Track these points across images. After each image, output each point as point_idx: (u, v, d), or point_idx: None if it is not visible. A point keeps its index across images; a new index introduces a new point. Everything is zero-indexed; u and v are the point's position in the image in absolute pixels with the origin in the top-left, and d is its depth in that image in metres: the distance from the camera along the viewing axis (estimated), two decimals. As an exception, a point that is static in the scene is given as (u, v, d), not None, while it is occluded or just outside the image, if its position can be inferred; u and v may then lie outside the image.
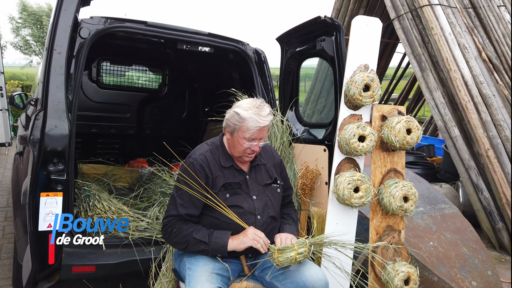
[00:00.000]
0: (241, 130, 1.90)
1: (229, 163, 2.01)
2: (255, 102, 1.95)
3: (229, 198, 1.96)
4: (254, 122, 1.87)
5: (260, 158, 2.11)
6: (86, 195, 2.77)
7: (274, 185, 2.10)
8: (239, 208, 1.95)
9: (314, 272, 1.87)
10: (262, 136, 1.94)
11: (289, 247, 1.79)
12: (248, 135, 1.89)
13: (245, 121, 1.88)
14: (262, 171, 2.10)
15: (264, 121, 1.88)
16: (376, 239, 2.35)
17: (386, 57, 7.83)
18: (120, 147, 4.82)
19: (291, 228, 2.06)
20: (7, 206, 4.74)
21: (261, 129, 1.90)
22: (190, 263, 1.91)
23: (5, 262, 3.32)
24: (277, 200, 2.10)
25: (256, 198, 2.01)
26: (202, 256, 1.92)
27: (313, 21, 2.64)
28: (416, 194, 2.28)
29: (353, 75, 2.28)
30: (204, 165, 1.95)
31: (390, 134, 2.23)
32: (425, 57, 4.69)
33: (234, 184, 1.99)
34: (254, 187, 2.03)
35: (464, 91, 4.28)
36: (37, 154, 1.78)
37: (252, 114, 1.88)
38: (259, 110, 1.90)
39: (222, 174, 1.98)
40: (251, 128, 1.87)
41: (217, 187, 1.95)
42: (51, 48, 1.91)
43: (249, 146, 1.92)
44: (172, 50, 4.52)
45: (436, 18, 4.57)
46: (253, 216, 1.96)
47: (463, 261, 2.76)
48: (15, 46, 24.87)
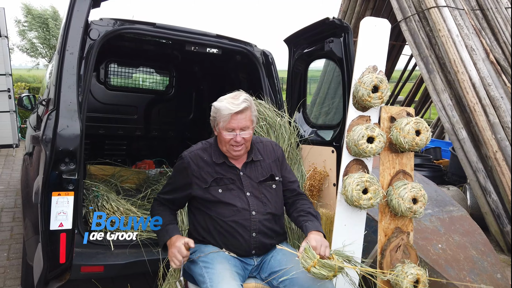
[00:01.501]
0: (218, 121, 1.94)
1: (221, 160, 2.02)
2: (232, 94, 1.99)
3: (221, 193, 1.97)
4: (226, 110, 1.89)
5: (257, 154, 2.10)
6: (94, 195, 2.79)
7: (268, 182, 2.08)
8: (233, 207, 1.96)
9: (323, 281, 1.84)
10: (241, 125, 1.92)
11: (332, 266, 1.68)
12: (224, 123, 1.91)
13: (219, 111, 1.91)
14: (258, 168, 2.08)
15: (236, 108, 1.88)
16: (385, 241, 2.34)
17: (392, 59, 7.82)
18: (127, 148, 4.84)
19: (314, 224, 1.96)
20: (15, 207, 4.78)
21: (235, 117, 1.90)
22: (205, 262, 1.91)
23: (14, 262, 3.34)
24: (274, 196, 2.07)
25: (250, 195, 2.00)
26: (213, 254, 1.93)
27: (321, 23, 2.64)
28: (425, 196, 2.27)
29: (362, 76, 2.27)
30: (191, 162, 2.00)
31: (399, 135, 2.23)
32: (432, 59, 4.67)
33: (226, 179, 2.00)
34: (248, 184, 2.02)
35: (472, 93, 4.26)
36: (49, 153, 1.79)
37: (225, 103, 1.91)
38: (233, 99, 1.92)
39: (214, 170, 2.00)
40: (224, 116, 1.89)
41: (208, 182, 1.97)
42: (63, 48, 1.93)
43: (231, 137, 1.92)
44: (180, 52, 4.54)
45: (444, 20, 4.55)
46: (248, 212, 1.96)
47: (472, 263, 2.74)
48: (22, 49, 25.07)
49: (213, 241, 2.00)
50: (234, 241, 1.96)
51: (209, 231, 2.01)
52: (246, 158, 2.07)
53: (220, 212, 1.96)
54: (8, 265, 3.29)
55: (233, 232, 1.96)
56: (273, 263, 1.98)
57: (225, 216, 1.95)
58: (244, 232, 1.95)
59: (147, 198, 3.35)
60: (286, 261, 1.93)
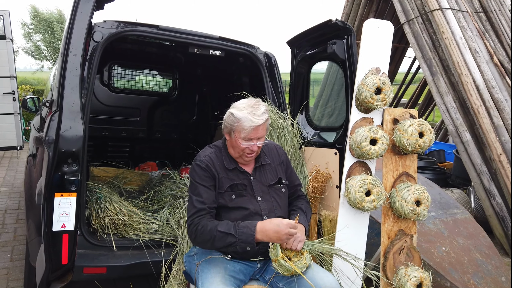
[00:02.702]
0: (237, 130, 1.90)
1: (233, 165, 2.01)
2: (250, 101, 1.95)
3: (235, 199, 1.97)
4: (248, 122, 1.86)
5: (265, 158, 2.11)
6: (97, 197, 2.79)
7: (278, 185, 2.08)
8: (244, 210, 1.95)
9: (328, 282, 1.85)
10: (259, 135, 1.92)
11: (287, 268, 1.78)
12: (244, 134, 1.89)
13: (239, 121, 1.88)
14: (267, 171, 2.09)
15: (258, 120, 1.87)
16: (388, 243, 2.33)
17: (395, 62, 7.80)
18: (130, 150, 4.86)
19: (300, 217, 1.99)
20: (19, 208, 4.79)
21: (256, 128, 1.89)
22: (202, 265, 1.91)
23: (17, 263, 3.34)
24: (283, 199, 2.09)
25: (261, 199, 2.00)
26: (214, 258, 1.92)
27: (324, 25, 2.64)
28: (429, 198, 2.26)
29: (365, 78, 2.27)
30: (210, 165, 1.97)
31: (402, 137, 2.22)
32: (436, 61, 4.66)
33: (240, 185, 1.99)
34: (259, 188, 2.02)
35: (475, 95, 4.25)
36: (52, 154, 1.80)
37: (246, 113, 1.87)
38: (254, 109, 1.89)
39: (227, 176, 1.99)
40: (246, 128, 1.87)
41: (224, 188, 1.96)
42: (66, 50, 1.94)
43: (247, 146, 1.91)
44: (183, 54, 4.55)
45: (447, 22, 4.54)
46: (259, 217, 1.95)
47: (476, 266, 2.72)
48: (27, 51, 25.26)
49: None
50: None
51: None
52: (255, 162, 2.07)
53: (231, 217, 1.94)
54: (11, 266, 3.30)
55: None
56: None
57: (236, 220, 1.92)
58: None
59: (150, 200, 3.35)
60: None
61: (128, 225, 2.70)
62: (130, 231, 2.67)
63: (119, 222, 2.65)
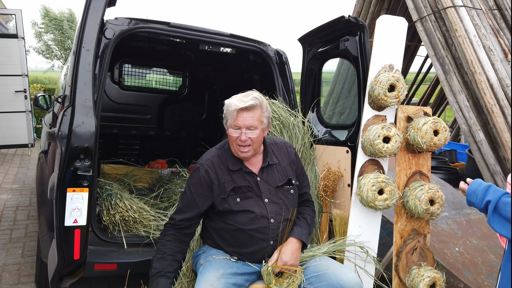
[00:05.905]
0: (226, 117, 1.91)
1: (238, 166, 1.96)
2: (245, 92, 1.95)
3: (240, 202, 1.92)
4: (233, 106, 1.86)
5: (272, 158, 2.04)
6: (108, 194, 2.80)
7: (287, 186, 2.02)
8: (250, 213, 1.91)
9: (352, 276, 1.84)
10: (247, 123, 1.85)
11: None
12: (230, 120, 1.88)
13: (227, 106, 1.89)
14: (275, 171, 2.02)
15: (242, 104, 1.84)
16: (401, 243, 2.29)
17: (407, 60, 7.71)
18: (140, 148, 4.87)
19: (300, 231, 1.97)
20: (30, 205, 4.84)
21: (241, 113, 1.85)
22: (204, 265, 1.90)
23: (28, 259, 3.37)
24: (292, 201, 2.02)
25: (268, 201, 1.95)
26: (217, 259, 1.91)
27: (337, 21, 2.61)
28: (443, 197, 2.22)
29: (378, 75, 2.24)
30: (210, 171, 1.94)
31: (416, 135, 2.19)
32: (449, 59, 4.59)
33: (244, 187, 1.94)
34: (266, 190, 1.97)
35: (489, 94, 4.18)
36: (65, 149, 1.80)
37: (234, 99, 1.88)
38: (242, 96, 1.89)
39: (231, 178, 1.94)
40: (231, 112, 1.86)
41: (226, 192, 1.92)
42: (79, 45, 1.94)
43: (237, 136, 1.87)
44: (193, 52, 4.55)
45: (461, 20, 4.47)
46: (266, 220, 1.92)
47: (490, 268, 2.67)
48: (38, 51, 25.54)
49: (228, 248, 1.96)
50: (250, 249, 1.93)
51: (224, 238, 1.97)
52: (262, 162, 2.01)
53: (238, 220, 1.91)
54: (22, 262, 3.33)
55: (250, 240, 1.91)
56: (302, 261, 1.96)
57: (243, 224, 1.90)
58: (262, 241, 1.91)
59: (160, 197, 3.36)
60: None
61: (139, 222, 2.71)
62: (140, 228, 2.68)
63: (129, 219, 2.65)
